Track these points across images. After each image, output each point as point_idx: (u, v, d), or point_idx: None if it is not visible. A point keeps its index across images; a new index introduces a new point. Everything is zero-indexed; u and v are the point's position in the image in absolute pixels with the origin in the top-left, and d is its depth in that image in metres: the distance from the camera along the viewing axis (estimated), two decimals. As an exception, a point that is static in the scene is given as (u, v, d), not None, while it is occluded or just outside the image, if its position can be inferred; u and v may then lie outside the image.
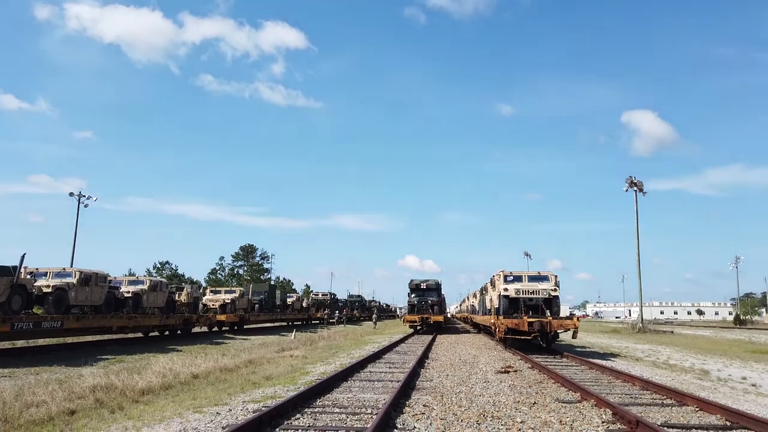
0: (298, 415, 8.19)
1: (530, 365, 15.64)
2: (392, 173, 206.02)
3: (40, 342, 20.65)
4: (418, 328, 35.84)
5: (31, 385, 11.50)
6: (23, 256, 17.38)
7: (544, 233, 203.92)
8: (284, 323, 47.57)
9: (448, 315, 73.33)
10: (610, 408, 8.71)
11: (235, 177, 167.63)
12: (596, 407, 9.11)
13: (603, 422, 7.97)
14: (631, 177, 50.00)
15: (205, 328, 32.97)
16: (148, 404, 9.97)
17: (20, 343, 19.62)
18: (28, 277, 18.52)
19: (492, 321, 21.82)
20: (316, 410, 8.64)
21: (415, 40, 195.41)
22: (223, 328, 34.98)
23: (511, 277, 22.14)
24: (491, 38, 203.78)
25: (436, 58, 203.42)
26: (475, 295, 42.24)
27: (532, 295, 20.82)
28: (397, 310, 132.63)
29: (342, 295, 76.38)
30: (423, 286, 36.10)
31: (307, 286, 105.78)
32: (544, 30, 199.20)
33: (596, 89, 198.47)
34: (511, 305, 20.99)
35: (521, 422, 7.88)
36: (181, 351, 20.67)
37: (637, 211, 48.85)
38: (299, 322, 49.48)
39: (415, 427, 7.56)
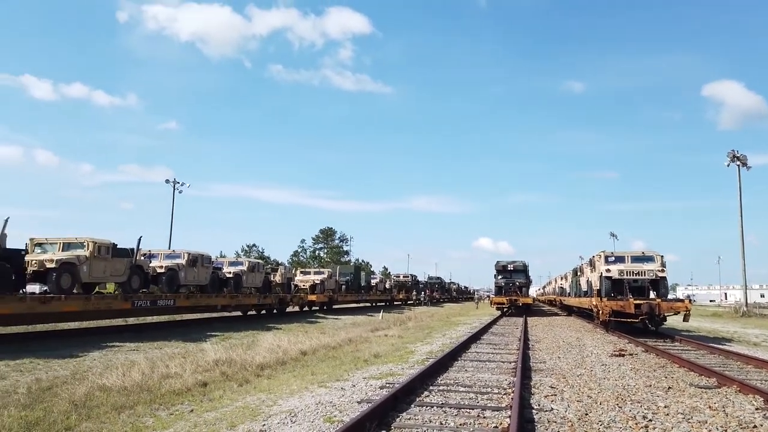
0: (426, 393, 8.17)
1: (644, 349, 14.89)
2: (462, 154, 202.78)
3: (148, 319, 21.95)
4: (506, 310, 35.25)
5: (159, 359, 12.23)
6: (139, 239, 18.55)
7: (623, 213, 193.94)
8: (368, 304, 48.32)
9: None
10: (760, 395, 8.06)
11: (308, 162, 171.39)
12: (741, 393, 8.47)
13: (757, 409, 7.38)
14: (733, 151, 46.25)
15: (297, 308, 34.02)
16: (271, 378, 10.32)
17: (130, 320, 20.86)
18: (143, 258, 19.71)
19: (594, 303, 20.99)
20: (440, 388, 8.59)
21: (479, 19, 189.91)
22: (314, 308, 35.96)
23: (613, 258, 21.16)
24: (557, 13, 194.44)
25: (501, 37, 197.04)
26: (564, 277, 40.96)
27: (637, 276, 19.81)
28: (475, 292, 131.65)
29: (420, 277, 76.51)
30: (510, 267, 35.37)
31: (385, 268, 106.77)
32: (612, 2, 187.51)
33: (674, 61, 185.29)
34: (614, 287, 20.08)
35: (665, 407, 7.44)
36: (280, 329, 21.39)
37: (740, 188, 45.32)
38: (383, 303, 50.08)
39: (552, 408, 7.32)
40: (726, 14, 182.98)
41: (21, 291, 15.06)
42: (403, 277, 62.74)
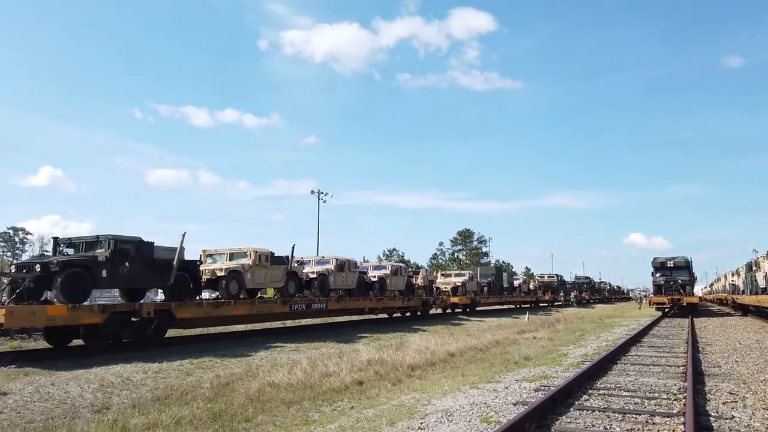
0: (585, 396, 7.80)
1: None
2: (604, 146, 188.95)
3: (303, 322, 23.36)
4: (666, 310, 32.34)
5: (318, 358, 13.05)
6: (293, 248, 19.94)
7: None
8: (512, 306, 47.15)
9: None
10: None
11: (441, 165, 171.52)
12: None
13: None
14: None
15: (439, 310, 34.24)
16: (422, 379, 10.52)
17: (276, 324, 22.15)
18: (296, 264, 21.15)
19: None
20: (600, 392, 8.14)
21: (610, 3, 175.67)
22: (456, 310, 35.92)
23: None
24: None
25: (637, 19, 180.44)
26: (736, 273, 36.59)
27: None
28: (629, 292, 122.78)
29: (566, 278, 72.94)
30: (669, 264, 32.44)
31: (527, 269, 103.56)
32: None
33: None
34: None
35: None
36: (426, 331, 21.68)
37: None
38: (527, 305, 48.57)
39: (734, 416, 6.60)
40: None
41: (197, 297, 16.99)
42: (548, 277, 60.30)
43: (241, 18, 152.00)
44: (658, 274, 32.37)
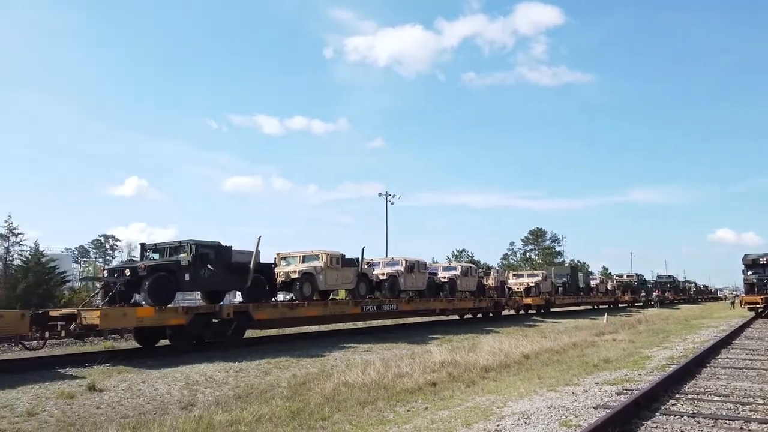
0: (671, 401, 7.41)
1: None
2: (686, 137, 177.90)
3: (374, 323, 23.55)
4: (760, 310, 30.14)
5: (390, 359, 13.12)
6: (363, 249, 20.16)
7: None
8: (589, 307, 45.51)
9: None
10: None
11: (510, 163, 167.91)
12: None
13: None
14: None
15: (512, 311, 33.56)
16: (496, 381, 10.35)
17: (348, 325, 22.36)
18: (366, 266, 21.39)
19: None
20: (689, 396, 7.71)
21: None
22: (529, 311, 35.09)
23: None
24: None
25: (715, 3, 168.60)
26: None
27: None
28: (717, 291, 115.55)
29: (647, 277, 69.48)
30: (762, 261, 30.29)
31: (604, 268, 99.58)
32: None
33: None
34: None
35: None
36: (498, 332, 21.32)
37: None
38: (605, 306, 46.70)
39: None
40: None
41: (273, 299, 17.54)
42: (627, 276, 57.73)
43: (307, 27, 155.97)
44: (749, 272, 30.34)
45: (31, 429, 7.26)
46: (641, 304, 54.27)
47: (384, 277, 21.58)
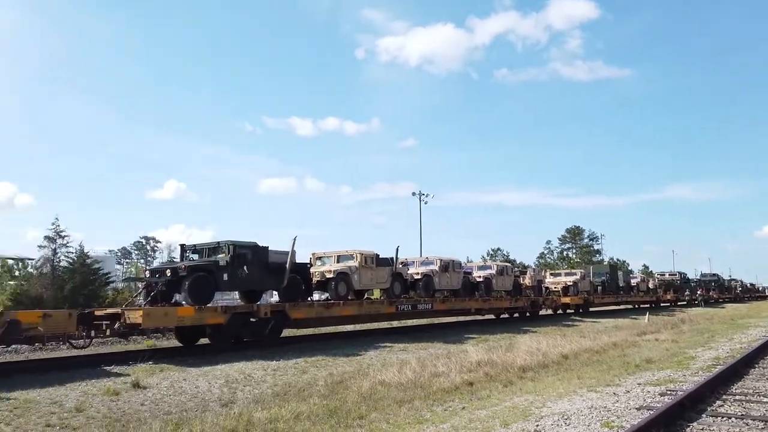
0: (718, 402, 7.18)
1: None
2: (726, 131, 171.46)
3: (409, 323, 23.51)
4: (813, 309, 28.92)
5: (426, 358, 13.09)
6: (397, 249, 20.17)
7: None
8: (629, 306, 44.40)
9: None
10: None
11: (546, 161, 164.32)
12: None
13: None
14: None
15: (549, 311, 33.04)
16: (534, 381, 10.21)
17: (383, 325, 22.31)
18: (401, 266, 21.38)
19: None
20: (737, 398, 7.45)
21: None
22: (568, 311, 34.48)
23: None
24: None
25: None
26: None
27: None
28: (765, 290, 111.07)
29: (690, 275, 67.38)
30: (814, 257, 29.02)
31: (645, 266, 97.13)
32: None
33: None
34: None
35: None
36: (536, 332, 21.00)
37: None
38: (647, 305, 45.49)
39: None
40: None
41: (309, 299, 17.71)
42: (669, 275, 56.12)
43: (339, 28, 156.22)
44: (800, 270, 29.08)
45: (79, 424, 7.52)
46: (684, 303, 52.68)
47: (418, 277, 21.51)
